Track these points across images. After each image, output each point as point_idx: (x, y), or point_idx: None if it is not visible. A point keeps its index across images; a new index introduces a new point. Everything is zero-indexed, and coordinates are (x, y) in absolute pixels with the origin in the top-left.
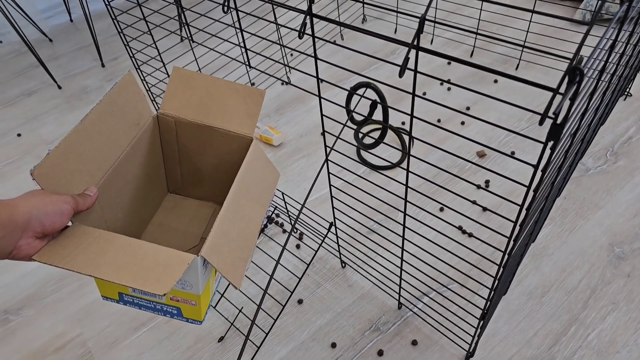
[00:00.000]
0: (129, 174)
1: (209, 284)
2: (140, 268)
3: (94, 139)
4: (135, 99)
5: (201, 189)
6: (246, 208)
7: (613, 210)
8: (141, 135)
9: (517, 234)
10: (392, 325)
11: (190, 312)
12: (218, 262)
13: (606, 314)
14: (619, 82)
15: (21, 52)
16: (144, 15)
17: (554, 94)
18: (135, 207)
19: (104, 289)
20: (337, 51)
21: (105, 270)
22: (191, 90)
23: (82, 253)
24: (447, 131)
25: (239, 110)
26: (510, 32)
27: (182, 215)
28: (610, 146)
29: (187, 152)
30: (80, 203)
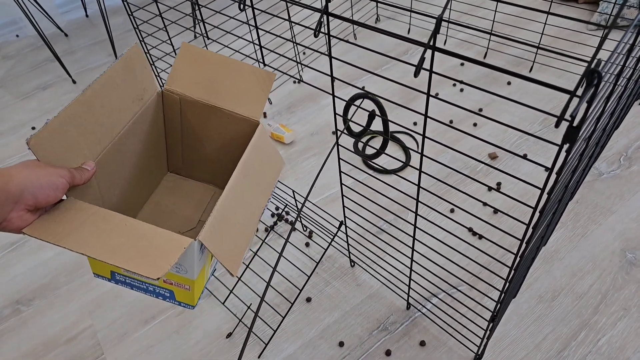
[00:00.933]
0: (129, 150)
1: (204, 270)
2: (135, 250)
3: (95, 111)
4: (141, 73)
5: (202, 170)
6: (248, 195)
7: (626, 215)
8: (144, 111)
9: (529, 237)
10: (401, 325)
11: (183, 296)
12: (215, 248)
13: (617, 320)
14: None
15: (37, 47)
16: (159, 11)
17: (571, 97)
18: (134, 185)
19: (96, 266)
20: (348, 50)
21: (98, 249)
22: (199, 68)
23: (75, 230)
24: (460, 131)
25: (247, 92)
26: (524, 34)
27: (181, 196)
28: (624, 151)
29: (191, 131)
30: (77, 177)
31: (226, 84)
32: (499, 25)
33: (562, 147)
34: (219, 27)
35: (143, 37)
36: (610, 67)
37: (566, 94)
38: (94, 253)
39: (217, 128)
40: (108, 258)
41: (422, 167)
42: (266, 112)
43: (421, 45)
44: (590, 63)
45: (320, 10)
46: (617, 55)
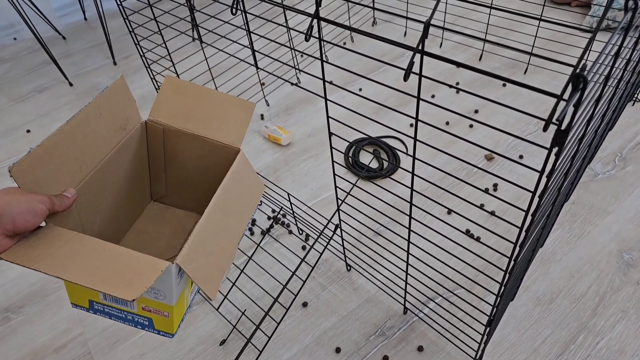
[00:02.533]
0: (111, 178)
1: (183, 296)
2: (112, 272)
3: (78, 140)
4: (124, 103)
5: (186, 198)
6: (227, 219)
7: (622, 216)
8: (127, 140)
9: (522, 240)
10: (398, 330)
11: (162, 324)
12: (193, 271)
13: (615, 322)
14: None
15: (34, 50)
16: (154, 16)
17: (558, 100)
18: (115, 213)
19: (73, 295)
20: (345, 53)
21: (74, 272)
22: (182, 98)
23: (52, 254)
24: (453, 135)
25: (228, 121)
26: (519, 36)
27: (164, 224)
28: (619, 151)
29: (174, 160)
30: (57, 204)
31: (208, 113)
32: (495, 28)
33: (551, 151)
34: (213, 31)
35: (138, 41)
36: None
37: (553, 97)
38: (69, 276)
39: (199, 156)
40: (83, 281)
41: (418, 170)
42: (263, 114)
43: (410, 49)
44: (576, 67)
45: (311, 15)
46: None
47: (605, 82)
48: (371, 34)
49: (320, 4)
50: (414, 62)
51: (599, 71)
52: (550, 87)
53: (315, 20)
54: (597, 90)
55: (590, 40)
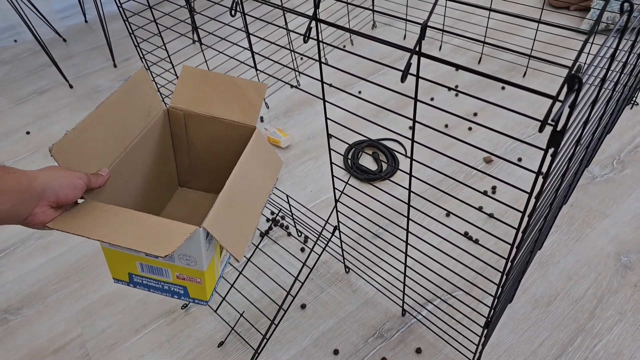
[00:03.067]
0: (139, 162)
1: (213, 263)
2: (146, 235)
3: (107, 125)
4: (146, 92)
5: (210, 180)
6: (248, 188)
7: (620, 218)
8: (151, 126)
9: (519, 242)
10: (396, 332)
11: (196, 291)
12: (220, 234)
13: (613, 325)
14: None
15: (35, 52)
16: (154, 18)
17: (554, 102)
18: (145, 196)
19: (115, 270)
20: (346, 55)
21: (111, 235)
22: (199, 86)
23: (91, 223)
24: (451, 137)
25: (243, 102)
26: (518, 40)
27: (192, 207)
28: (617, 154)
29: (196, 143)
30: (93, 180)
31: (224, 96)
32: (494, 31)
33: (547, 152)
34: (213, 33)
35: (138, 43)
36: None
37: (549, 99)
38: (108, 238)
39: (219, 137)
40: (121, 241)
41: (417, 172)
42: (263, 116)
43: (408, 50)
44: (571, 69)
45: (309, 16)
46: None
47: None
48: (370, 36)
49: (318, 6)
50: (411, 63)
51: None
52: (548, 90)
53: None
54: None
55: (585, 41)
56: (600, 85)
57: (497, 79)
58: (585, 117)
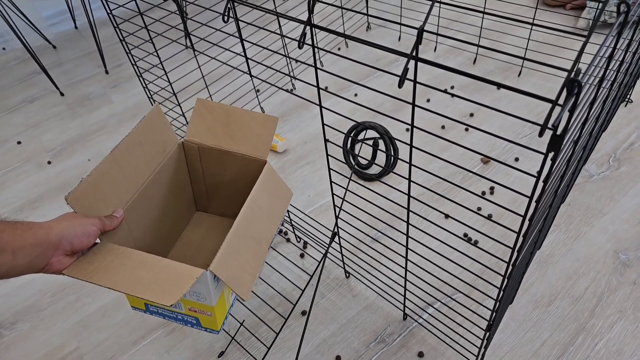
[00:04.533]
0: (155, 196)
1: (223, 296)
2: (153, 281)
3: (122, 167)
4: (161, 129)
5: (225, 206)
6: (257, 225)
7: (617, 216)
8: (167, 161)
9: (520, 245)
10: (398, 336)
11: (208, 322)
12: (226, 276)
13: (613, 323)
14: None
15: (24, 59)
16: (145, 24)
17: (553, 106)
18: (163, 225)
19: (132, 300)
20: (341, 58)
21: (122, 283)
22: (212, 118)
23: (104, 268)
24: (447, 141)
25: (254, 136)
26: (513, 39)
27: (208, 231)
28: (613, 152)
29: (211, 174)
30: (107, 224)
31: (236, 130)
32: (489, 31)
33: (547, 156)
34: (205, 39)
35: (130, 49)
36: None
37: (548, 102)
38: (119, 287)
39: (232, 169)
40: (129, 290)
41: (414, 175)
42: None
43: (404, 56)
44: (570, 72)
45: (303, 22)
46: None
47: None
48: (364, 41)
49: (312, 11)
50: (408, 68)
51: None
52: (544, 89)
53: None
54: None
55: (584, 44)
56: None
57: (492, 82)
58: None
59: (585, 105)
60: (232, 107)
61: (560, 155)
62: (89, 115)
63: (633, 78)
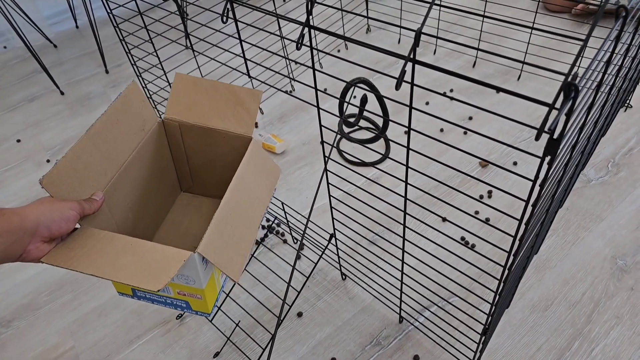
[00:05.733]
0: (136, 177)
1: (213, 278)
2: (139, 266)
3: (99, 147)
4: (139, 106)
5: (210, 187)
6: (244, 204)
7: (615, 221)
8: (147, 140)
9: (516, 249)
10: (394, 339)
11: (198, 305)
12: (215, 257)
13: (610, 329)
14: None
15: (25, 58)
16: (144, 24)
17: (550, 110)
18: (147, 208)
19: (118, 285)
20: (340, 60)
21: (105, 269)
22: (193, 94)
23: (86, 254)
24: (445, 144)
25: (238, 111)
26: (512, 43)
27: (194, 213)
28: (612, 157)
29: (194, 152)
30: (87, 207)
31: (218, 106)
32: (488, 35)
33: (544, 159)
34: (205, 40)
35: (129, 49)
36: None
37: (545, 106)
38: (102, 273)
39: (215, 146)
40: (113, 276)
41: (412, 178)
42: (258, 122)
43: (402, 58)
44: (567, 76)
45: (302, 23)
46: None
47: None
48: (363, 43)
49: (311, 13)
50: (406, 70)
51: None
52: (543, 94)
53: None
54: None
55: (581, 49)
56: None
57: (490, 86)
58: (581, 123)
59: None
60: (213, 81)
61: (557, 160)
62: (88, 115)
63: (632, 83)
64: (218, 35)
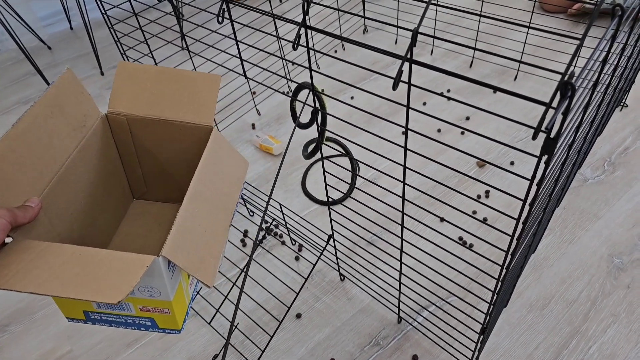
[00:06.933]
0: (79, 180)
1: (181, 288)
2: (93, 278)
3: (31, 145)
4: (77, 98)
5: (167, 190)
6: (211, 200)
7: (612, 220)
8: (89, 138)
9: (514, 248)
10: (392, 339)
11: (166, 322)
12: (183, 260)
13: (607, 327)
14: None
15: (19, 60)
16: (139, 25)
17: (547, 109)
18: (94, 217)
19: (66, 309)
20: (336, 61)
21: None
22: (140, 83)
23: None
24: (443, 144)
25: (195, 99)
26: (509, 43)
27: (151, 220)
28: (608, 156)
29: (146, 151)
30: (20, 216)
31: (172, 94)
32: (485, 35)
33: (541, 159)
34: (201, 40)
35: (124, 50)
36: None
37: (542, 105)
38: (45, 290)
39: (171, 142)
40: (61, 292)
41: (410, 177)
42: (254, 123)
43: (399, 58)
44: (564, 75)
45: (298, 23)
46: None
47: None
48: (360, 43)
49: (307, 13)
50: (402, 70)
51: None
52: (540, 94)
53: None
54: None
55: (577, 48)
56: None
57: (488, 85)
58: (577, 122)
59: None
60: (164, 67)
61: (554, 159)
62: None
63: (628, 82)
64: (214, 36)
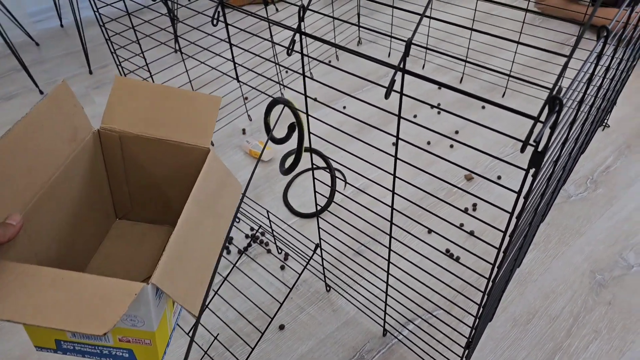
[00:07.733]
0: (64, 197)
1: (165, 318)
2: (75, 305)
3: (17, 157)
4: (70, 111)
5: (154, 210)
6: (204, 226)
7: (593, 237)
8: (78, 153)
9: (500, 261)
10: (377, 353)
11: (145, 354)
12: (172, 289)
13: (589, 343)
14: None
15: (4, 55)
16: (132, 24)
17: (535, 122)
18: (75, 237)
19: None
20: (332, 70)
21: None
22: (137, 100)
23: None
24: (432, 154)
25: (193, 120)
26: (498, 61)
27: (133, 242)
28: (590, 174)
29: (136, 170)
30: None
31: (169, 113)
32: (475, 52)
33: (528, 172)
34: (195, 43)
35: (115, 49)
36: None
37: (530, 119)
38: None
39: (164, 162)
40: (40, 320)
41: (399, 188)
42: (245, 128)
43: (392, 67)
44: (552, 90)
45: (293, 29)
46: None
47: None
48: (355, 51)
49: (303, 19)
50: (395, 80)
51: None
52: (526, 111)
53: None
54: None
55: (565, 64)
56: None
57: (479, 98)
58: (563, 138)
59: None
60: (161, 85)
61: (540, 172)
62: None
63: (610, 103)
64: (208, 39)
